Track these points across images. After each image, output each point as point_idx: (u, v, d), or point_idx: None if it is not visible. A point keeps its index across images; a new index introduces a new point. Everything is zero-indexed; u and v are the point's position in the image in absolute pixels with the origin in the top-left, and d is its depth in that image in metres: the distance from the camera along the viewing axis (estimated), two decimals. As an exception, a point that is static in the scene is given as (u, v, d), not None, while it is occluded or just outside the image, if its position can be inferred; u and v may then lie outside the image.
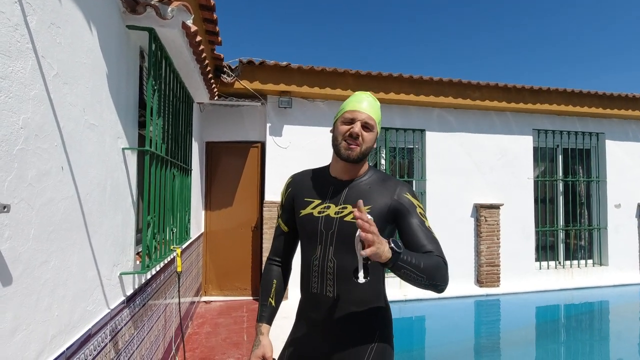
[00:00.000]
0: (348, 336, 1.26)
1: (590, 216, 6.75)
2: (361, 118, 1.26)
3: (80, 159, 1.53)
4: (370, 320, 1.27)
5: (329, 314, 1.27)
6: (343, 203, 1.28)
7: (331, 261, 1.27)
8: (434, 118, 5.87)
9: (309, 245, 1.33)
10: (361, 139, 1.25)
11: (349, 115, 1.27)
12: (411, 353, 4.21)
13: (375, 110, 1.30)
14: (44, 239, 1.25)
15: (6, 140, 1.06)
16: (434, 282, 1.12)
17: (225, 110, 5.36)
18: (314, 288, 1.31)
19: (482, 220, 5.83)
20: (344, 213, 1.26)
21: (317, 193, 1.34)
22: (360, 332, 1.26)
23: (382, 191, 1.28)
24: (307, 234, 1.33)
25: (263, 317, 1.36)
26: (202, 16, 3.51)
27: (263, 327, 1.34)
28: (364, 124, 1.26)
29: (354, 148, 1.25)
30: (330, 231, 1.27)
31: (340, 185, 1.32)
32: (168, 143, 2.78)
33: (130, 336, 2.13)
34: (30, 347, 1.17)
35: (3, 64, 1.04)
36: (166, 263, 2.96)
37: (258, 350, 1.29)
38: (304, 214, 1.34)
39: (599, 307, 5.88)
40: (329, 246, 1.27)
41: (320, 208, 1.31)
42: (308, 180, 1.41)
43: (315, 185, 1.37)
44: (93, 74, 1.66)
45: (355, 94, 1.33)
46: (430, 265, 1.10)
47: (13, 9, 1.09)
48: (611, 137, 6.64)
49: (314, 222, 1.30)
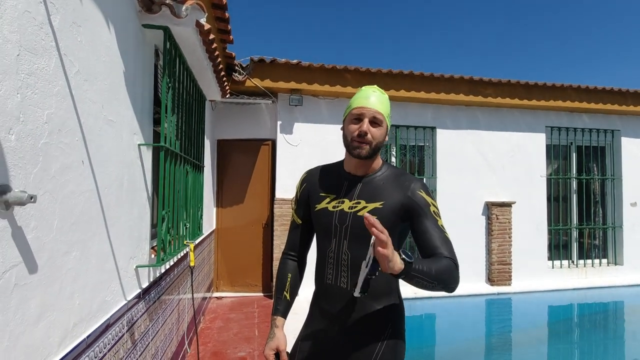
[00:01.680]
0: (360, 328, 1.28)
1: (605, 215, 6.64)
2: (369, 114, 1.26)
3: (99, 153, 1.57)
4: (382, 314, 1.29)
5: (343, 305, 1.29)
6: (357, 198, 1.30)
7: (345, 254, 1.29)
8: (445, 115, 5.83)
9: (324, 238, 1.36)
10: (370, 136, 1.26)
11: (356, 112, 1.28)
12: (421, 351, 4.21)
13: (384, 104, 1.29)
14: (66, 230, 1.30)
15: (32, 134, 1.10)
16: (445, 285, 1.14)
17: (237, 109, 5.41)
18: (328, 279, 1.33)
19: (494, 218, 5.78)
20: (358, 208, 1.29)
21: (332, 188, 1.37)
22: (373, 324, 1.28)
23: (396, 187, 1.28)
24: (322, 227, 1.36)
25: (278, 310, 1.39)
26: (215, 15, 3.56)
27: (278, 320, 1.37)
28: (372, 120, 1.26)
29: (364, 146, 1.26)
30: (344, 225, 1.30)
31: (354, 181, 1.34)
32: (181, 140, 2.83)
33: (145, 328, 2.18)
34: (54, 333, 1.22)
35: (29, 61, 1.09)
36: (179, 258, 3.02)
37: (272, 343, 1.32)
38: (319, 208, 1.37)
39: (614, 307, 5.78)
40: (343, 239, 1.30)
41: (335, 203, 1.34)
42: (323, 175, 1.43)
43: (330, 180, 1.39)
44: (111, 71, 1.71)
45: (361, 90, 1.32)
46: (442, 271, 1.11)
47: (38, 9, 1.13)
48: (627, 134, 6.52)
49: (329, 216, 1.33)
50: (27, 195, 0.99)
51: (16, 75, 1.03)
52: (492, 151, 5.95)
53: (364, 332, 1.28)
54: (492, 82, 5.64)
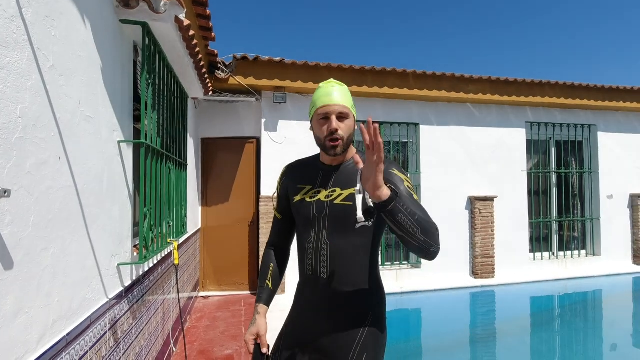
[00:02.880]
0: (341, 317, 1.30)
1: (583, 207, 6.84)
2: (334, 111, 1.28)
3: (77, 150, 1.56)
4: (363, 302, 1.31)
5: (323, 294, 1.31)
6: (332, 187, 1.33)
7: (325, 243, 1.31)
8: (429, 112, 5.91)
9: (304, 229, 1.37)
10: (341, 132, 1.28)
11: (321, 111, 1.30)
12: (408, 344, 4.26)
13: (346, 97, 1.31)
14: (43, 226, 1.28)
15: (5, 128, 1.09)
16: (427, 238, 1.09)
17: (220, 107, 5.38)
18: (308, 270, 1.35)
19: (477, 213, 5.89)
20: (334, 196, 1.31)
21: (308, 179, 1.40)
22: (353, 313, 1.30)
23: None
24: (301, 219, 1.38)
25: (261, 298, 1.41)
26: (196, 11, 3.53)
27: (260, 307, 1.39)
28: (338, 116, 1.29)
29: (338, 143, 1.29)
30: (322, 214, 1.32)
31: (329, 171, 1.37)
32: (163, 137, 2.80)
33: (129, 326, 2.16)
34: (32, 330, 1.21)
35: (1, 55, 1.07)
36: (163, 257, 3.00)
37: (253, 328, 1.35)
38: (297, 200, 1.39)
39: (592, 296, 5.96)
40: (322, 229, 1.32)
41: (312, 193, 1.36)
42: (301, 168, 1.46)
43: (307, 172, 1.42)
44: (88, 67, 1.69)
45: (320, 87, 1.33)
46: (424, 219, 1.10)
47: (9, 2, 1.12)
48: (603, 129, 6.72)
49: (307, 207, 1.35)
50: (1, 190, 0.98)
51: (-13, 69, 1.02)
52: (475, 147, 6.06)
53: (345, 320, 1.29)
54: (473, 78, 5.74)
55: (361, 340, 1.28)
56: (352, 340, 1.27)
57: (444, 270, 5.78)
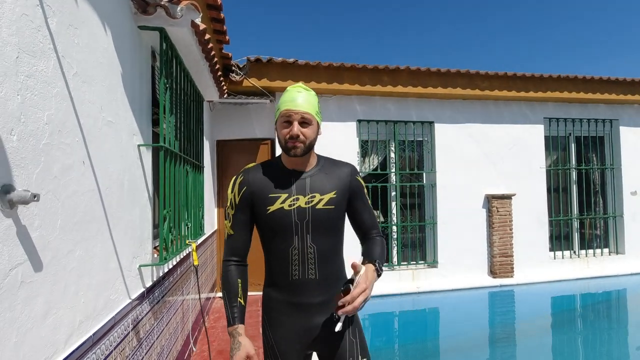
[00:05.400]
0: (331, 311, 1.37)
1: (606, 204, 6.66)
2: (297, 117, 1.32)
3: (99, 154, 1.60)
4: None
5: (314, 294, 1.38)
6: (310, 192, 1.38)
7: (311, 247, 1.36)
8: (443, 110, 5.85)
9: (282, 238, 1.36)
10: (302, 136, 1.33)
11: (284, 116, 1.34)
12: (425, 344, 4.23)
13: (310, 103, 1.35)
14: (69, 229, 1.32)
15: (33, 135, 1.13)
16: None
17: (235, 109, 5.43)
18: (294, 275, 1.37)
19: (494, 211, 5.80)
20: (314, 202, 1.37)
21: (281, 187, 1.37)
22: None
23: (340, 174, 1.44)
24: (280, 227, 1.36)
25: (236, 318, 1.34)
26: (210, 15, 3.58)
27: (239, 328, 1.33)
28: (301, 121, 1.33)
29: (298, 145, 1.33)
30: (305, 220, 1.36)
31: (300, 177, 1.40)
32: (180, 140, 2.85)
33: (150, 326, 2.20)
34: (60, 330, 1.24)
35: (28, 63, 1.11)
36: (182, 258, 3.05)
37: (241, 352, 1.28)
38: (274, 209, 1.36)
39: (616, 296, 5.80)
40: (306, 234, 1.36)
41: (290, 201, 1.36)
42: (265, 176, 1.41)
43: (275, 180, 1.39)
44: (109, 73, 1.73)
45: (287, 91, 1.37)
46: (383, 250, 1.44)
47: (35, 12, 1.15)
48: (625, 123, 6.53)
49: (287, 215, 1.35)
50: (31, 194, 1.01)
51: (16, 77, 1.05)
52: (491, 144, 5.97)
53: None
54: (488, 75, 5.65)
55: (352, 324, 1.44)
56: (346, 328, 1.42)
57: (461, 270, 5.70)
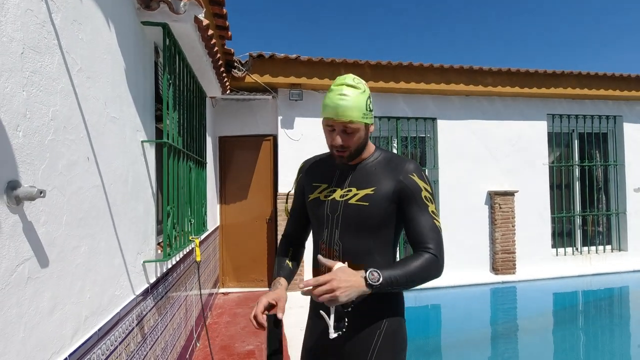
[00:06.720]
0: (357, 317, 1.23)
1: (608, 201, 6.64)
2: (339, 127, 1.22)
3: (103, 150, 1.60)
4: (376, 306, 1.24)
5: None
6: (348, 186, 1.29)
7: (337, 244, 1.27)
8: (446, 106, 5.83)
9: (318, 228, 1.35)
10: (346, 145, 1.24)
11: (327, 122, 1.25)
12: (427, 341, 4.24)
13: (356, 107, 1.19)
14: (75, 225, 1.33)
15: (39, 131, 1.12)
16: (423, 281, 1.15)
17: (237, 105, 5.43)
18: (321, 271, 1.29)
19: (497, 208, 5.79)
20: (349, 196, 1.27)
21: (324, 177, 1.36)
22: (367, 318, 1.25)
23: (388, 172, 1.26)
24: (315, 217, 1.35)
25: (280, 273, 1.36)
26: (212, 11, 3.56)
27: (282, 280, 1.33)
28: (343, 130, 1.22)
29: (343, 153, 1.25)
30: (336, 214, 1.28)
31: (346, 169, 1.33)
32: (183, 136, 2.85)
33: (154, 322, 2.21)
34: (67, 325, 1.25)
35: (33, 59, 1.11)
36: (185, 254, 3.05)
37: (272, 294, 1.25)
38: (312, 198, 1.36)
39: (619, 292, 5.79)
40: (334, 229, 1.28)
41: (327, 192, 1.33)
42: (317, 165, 1.43)
43: (323, 170, 1.39)
44: (113, 69, 1.73)
45: (330, 92, 1.22)
46: (418, 269, 1.13)
47: (40, 7, 1.15)
48: (629, 119, 6.50)
49: (321, 206, 1.32)
50: (37, 190, 1.01)
51: (21, 73, 1.05)
52: (494, 140, 5.95)
53: (361, 320, 1.24)
54: (491, 71, 5.63)
55: (377, 346, 1.23)
56: (367, 345, 1.23)
57: (463, 267, 5.71)
